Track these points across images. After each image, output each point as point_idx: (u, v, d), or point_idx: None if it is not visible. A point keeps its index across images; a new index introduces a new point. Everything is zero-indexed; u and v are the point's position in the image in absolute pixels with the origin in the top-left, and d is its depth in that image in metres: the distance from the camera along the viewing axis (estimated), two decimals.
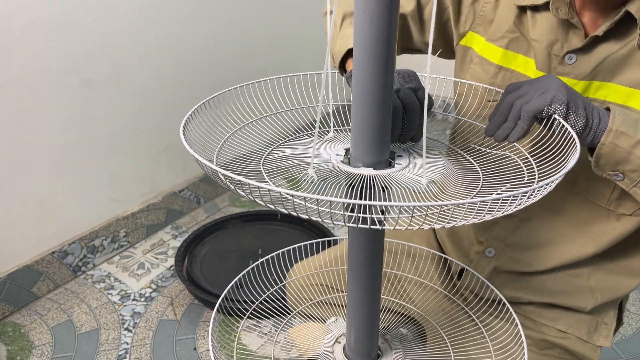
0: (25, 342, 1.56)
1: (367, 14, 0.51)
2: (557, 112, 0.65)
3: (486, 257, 0.95)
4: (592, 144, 0.69)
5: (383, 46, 0.53)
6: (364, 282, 0.68)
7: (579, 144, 0.59)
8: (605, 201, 0.83)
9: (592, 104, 0.69)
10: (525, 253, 0.92)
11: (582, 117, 0.66)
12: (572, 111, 0.66)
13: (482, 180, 0.63)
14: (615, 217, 0.84)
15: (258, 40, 2.16)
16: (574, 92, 0.67)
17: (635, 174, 0.69)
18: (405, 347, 0.79)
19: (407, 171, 0.60)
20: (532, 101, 0.66)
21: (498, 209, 0.49)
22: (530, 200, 0.51)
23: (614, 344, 1.57)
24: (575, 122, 0.66)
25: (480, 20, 0.89)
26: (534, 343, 0.94)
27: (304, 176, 0.59)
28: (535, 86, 0.68)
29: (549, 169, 0.62)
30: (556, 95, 0.65)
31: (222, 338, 1.57)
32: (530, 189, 0.49)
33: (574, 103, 0.66)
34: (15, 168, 1.55)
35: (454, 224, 0.49)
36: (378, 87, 0.55)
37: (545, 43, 0.81)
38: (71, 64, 1.58)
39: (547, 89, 0.66)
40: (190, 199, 2.14)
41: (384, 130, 0.58)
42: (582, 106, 0.67)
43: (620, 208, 0.83)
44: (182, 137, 0.59)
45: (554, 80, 0.68)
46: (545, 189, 0.51)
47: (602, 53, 0.77)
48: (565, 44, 0.80)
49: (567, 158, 0.60)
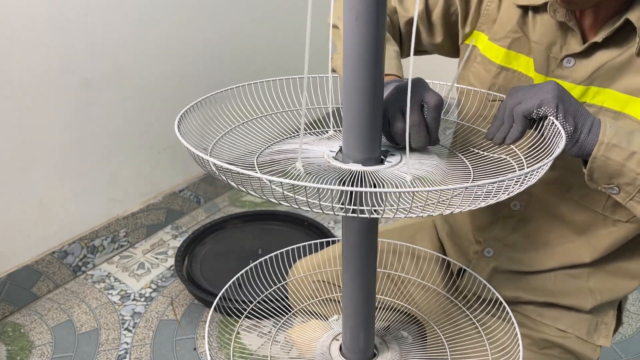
0: (25, 342, 1.56)
1: (353, 12, 0.52)
2: (546, 113, 0.65)
3: (485, 257, 0.96)
4: (581, 155, 0.68)
5: (371, 43, 0.53)
6: (358, 280, 0.68)
7: (564, 134, 0.60)
8: (601, 207, 0.83)
9: (586, 114, 0.68)
10: (524, 254, 0.93)
11: (570, 125, 0.66)
12: (561, 115, 0.65)
13: (472, 177, 0.64)
14: (611, 223, 0.84)
15: (258, 41, 2.16)
16: (568, 99, 0.67)
17: (631, 187, 0.68)
18: (402, 349, 0.79)
19: (395, 168, 0.61)
20: (522, 103, 0.66)
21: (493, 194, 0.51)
22: (520, 187, 0.52)
23: (614, 343, 1.57)
24: (563, 126, 0.65)
25: (484, 19, 0.89)
26: (534, 342, 0.94)
27: (292, 169, 0.59)
28: (532, 89, 0.68)
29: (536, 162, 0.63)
30: (546, 97, 0.65)
31: (222, 338, 1.57)
32: (520, 173, 0.50)
33: (564, 109, 0.65)
34: (15, 168, 1.55)
35: (451, 211, 0.50)
36: (367, 84, 0.56)
37: (544, 45, 0.81)
38: (71, 64, 1.58)
39: (540, 91, 0.66)
40: (190, 199, 2.14)
41: (373, 128, 0.58)
42: (572, 114, 0.66)
43: (616, 214, 0.83)
44: (177, 131, 0.59)
45: (551, 85, 0.67)
46: (535, 175, 0.53)
47: (601, 59, 0.77)
48: (564, 47, 0.80)
49: (553, 147, 0.61)
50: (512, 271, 0.95)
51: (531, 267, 0.92)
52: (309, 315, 0.92)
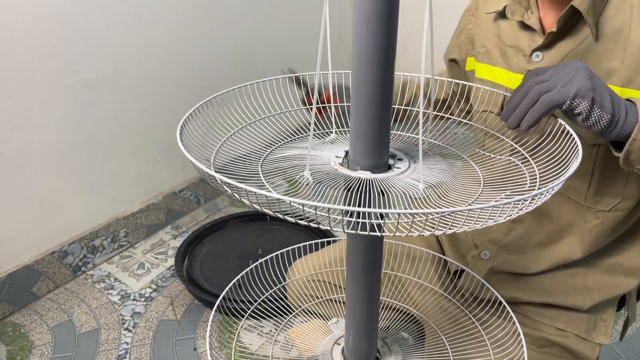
0: (25, 342, 1.56)
1: (365, 16, 0.51)
2: (580, 106, 0.61)
3: (482, 260, 0.96)
4: (618, 137, 0.65)
5: (382, 48, 0.52)
6: (362, 287, 0.68)
7: (581, 150, 0.57)
8: (583, 198, 0.84)
9: (617, 95, 0.65)
10: (519, 255, 0.93)
11: (607, 113, 0.62)
12: (597, 106, 0.62)
13: (482, 185, 0.62)
14: (594, 215, 0.85)
15: (258, 41, 2.16)
16: (600, 84, 0.63)
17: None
18: (404, 351, 0.79)
19: (405, 175, 0.59)
20: (554, 90, 0.62)
21: (499, 215, 0.49)
22: (530, 207, 0.50)
23: (614, 343, 1.57)
24: (599, 118, 0.62)
25: (471, 45, 0.94)
26: (533, 341, 0.94)
27: (300, 178, 0.58)
28: (561, 72, 0.63)
29: (549, 173, 0.61)
30: (581, 88, 0.61)
31: (222, 338, 1.57)
32: (527, 196, 0.48)
33: (600, 96, 0.62)
34: (15, 168, 1.56)
35: (455, 230, 0.48)
36: (377, 90, 0.54)
37: (515, 47, 0.84)
38: (71, 64, 1.58)
39: (573, 78, 0.62)
40: (190, 199, 2.14)
41: (382, 134, 0.57)
42: (609, 99, 0.62)
43: (598, 204, 0.84)
44: (179, 139, 0.58)
45: (581, 68, 0.63)
46: (544, 196, 0.50)
47: (564, 49, 0.78)
48: (532, 44, 0.82)
49: (569, 164, 0.58)
50: (509, 272, 0.95)
51: (527, 270, 0.93)
52: (309, 316, 0.92)
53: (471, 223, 0.49)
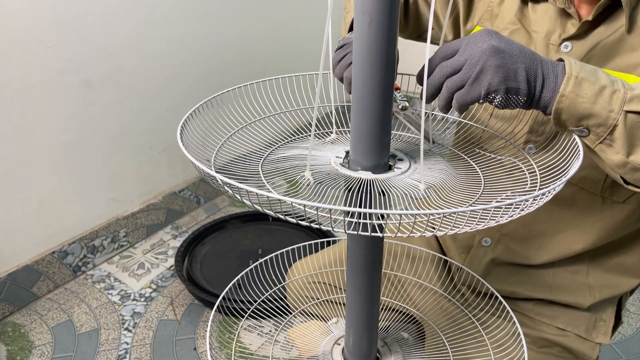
0: (25, 342, 1.56)
1: (366, 16, 0.51)
2: (495, 100, 0.59)
3: (483, 247, 0.96)
4: (538, 108, 0.62)
5: (382, 49, 0.52)
6: (363, 287, 0.68)
7: (582, 152, 0.56)
8: (600, 189, 0.83)
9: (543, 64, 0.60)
10: (521, 244, 0.93)
11: (523, 95, 0.59)
12: (512, 94, 0.59)
13: (483, 186, 0.62)
14: (609, 205, 0.85)
15: (259, 41, 2.16)
16: (512, 59, 0.59)
17: (602, 129, 0.61)
18: (404, 351, 0.79)
19: (406, 176, 0.59)
20: (464, 88, 0.59)
21: (500, 215, 0.49)
22: (531, 207, 0.50)
23: (614, 343, 1.57)
24: (516, 102, 0.60)
25: (487, 15, 0.91)
26: (532, 341, 0.94)
27: (300, 179, 0.58)
28: (470, 57, 0.59)
29: (550, 173, 0.61)
30: (492, 83, 0.58)
31: (222, 338, 1.57)
32: (528, 197, 0.48)
33: (514, 81, 0.58)
34: (15, 168, 1.56)
35: (456, 231, 0.48)
36: (377, 89, 0.54)
37: (544, 34, 0.82)
38: (71, 64, 1.58)
39: (482, 70, 0.58)
40: (190, 199, 2.14)
41: (383, 134, 0.57)
42: (524, 77, 0.59)
43: (615, 195, 0.83)
44: (179, 139, 0.58)
45: (489, 50, 0.58)
46: (546, 197, 0.50)
47: (594, 39, 0.78)
48: (562, 33, 0.81)
49: (569, 165, 0.58)
50: (511, 263, 0.95)
51: (528, 260, 0.92)
52: (308, 316, 0.92)
53: (473, 223, 0.49)
